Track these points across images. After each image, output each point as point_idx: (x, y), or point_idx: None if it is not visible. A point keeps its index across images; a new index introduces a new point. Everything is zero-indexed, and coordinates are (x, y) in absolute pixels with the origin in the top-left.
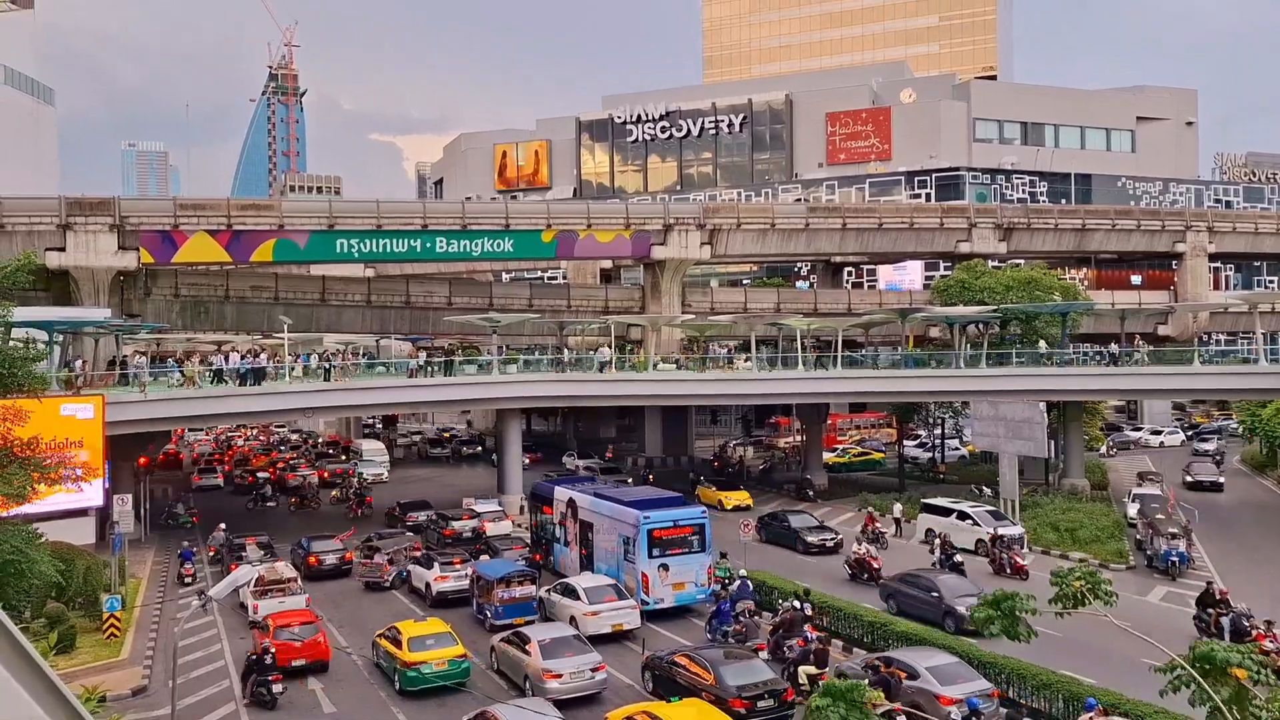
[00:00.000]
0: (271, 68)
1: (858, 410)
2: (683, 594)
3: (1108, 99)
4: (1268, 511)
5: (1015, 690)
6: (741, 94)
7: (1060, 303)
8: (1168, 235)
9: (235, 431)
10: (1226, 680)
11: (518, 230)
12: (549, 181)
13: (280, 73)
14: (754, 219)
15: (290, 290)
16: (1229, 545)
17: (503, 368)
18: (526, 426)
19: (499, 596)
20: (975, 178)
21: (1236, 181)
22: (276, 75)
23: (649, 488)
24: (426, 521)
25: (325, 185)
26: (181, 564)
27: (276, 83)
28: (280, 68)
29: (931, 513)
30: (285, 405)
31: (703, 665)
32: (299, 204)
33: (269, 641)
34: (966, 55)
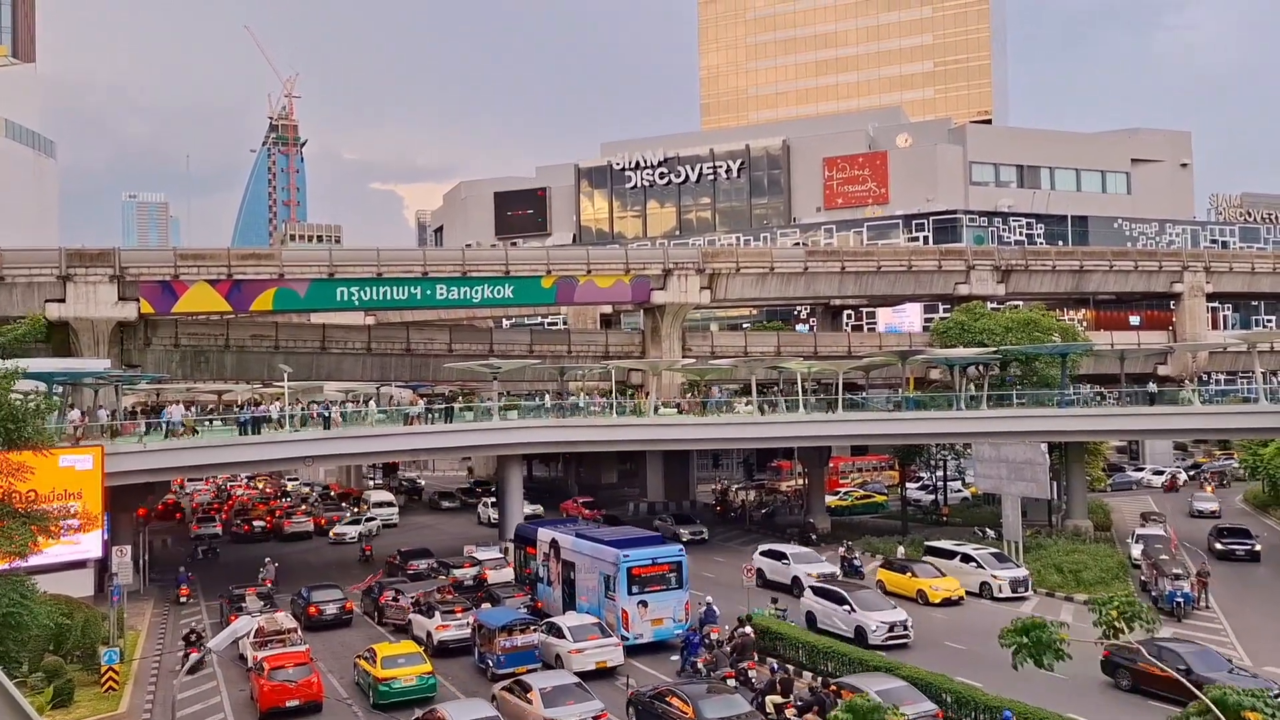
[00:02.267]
0: (272, 118)
1: (860, 453)
2: (661, 629)
3: (1103, 141)
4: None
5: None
6: (739, 140)
7: (1060, 344)
8: (1165, 276)
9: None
10: None
11: (518, 276)
12: (549, 228)
13: (281, 123)
14: (753, 263)
15: (290, 338)
16: (1237, 587)
17: (503, 414)
18: (528, 472)
19: (501, 645)
20: (972, 220)
21: (1232, 222)
22: (277, 126)
23: (628, 527)
24: (427, 570)
25: (325, 234)
26: (177, 585)
27: (277, 133)
28: (281, 118)
29: (934, 555)
30: (284, 454)
31: (683, 700)
32: (299, 253)
33: None
34: (962, 100)
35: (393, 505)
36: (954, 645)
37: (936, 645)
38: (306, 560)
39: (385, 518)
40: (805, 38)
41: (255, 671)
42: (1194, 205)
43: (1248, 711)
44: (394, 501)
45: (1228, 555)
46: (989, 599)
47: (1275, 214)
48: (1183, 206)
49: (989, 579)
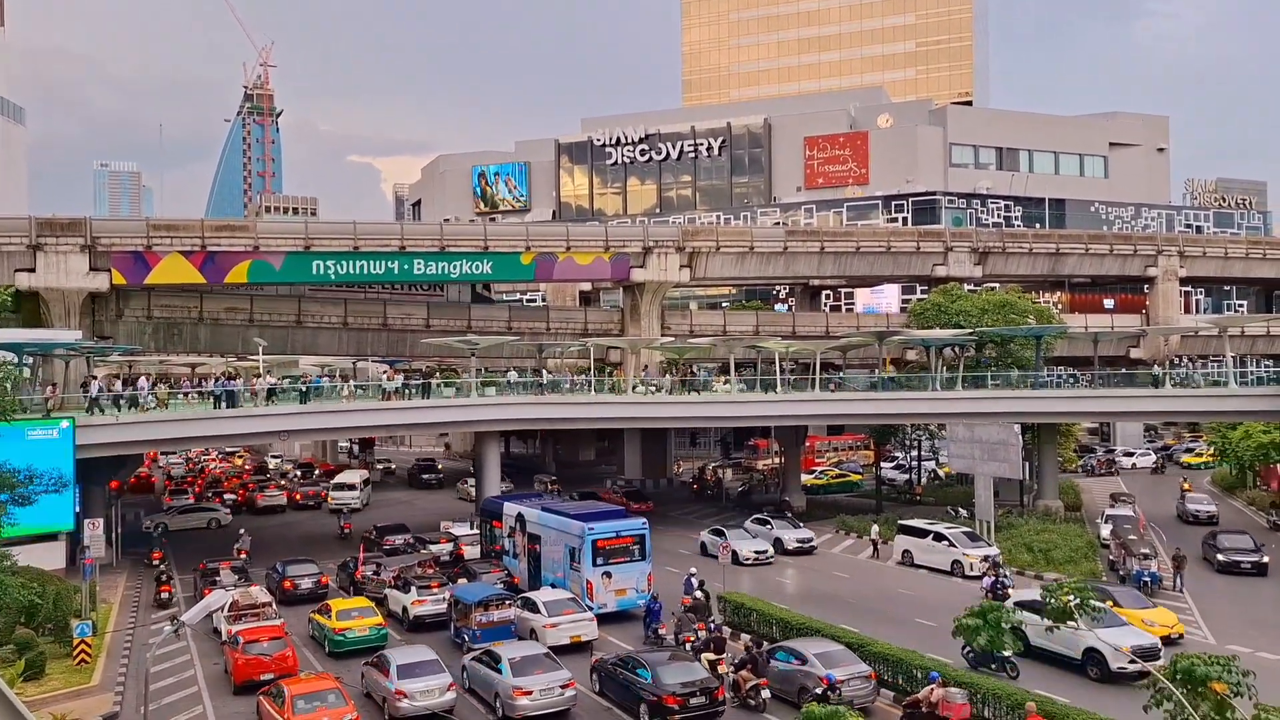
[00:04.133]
0: (247, 88)
1: (836, 433)
2: (624, 599)
3: (1081, 125)
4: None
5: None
6: (720, 118)
7: (1035, 326)
8: (1140, 260)
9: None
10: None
11: (496, 252)
12: (528, 204)
13: (256, 93)
14: (733, 242)
15: (265, 312)
16: (1203, 569)
17: (481, 390)
18: (505, 449)
19: (477, 620)
20: (951, 202)
21: (1207, 207)
22: (252, 95)
23: (592, 501)
24: (403, 545)
25: (301, 206)
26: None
27: (252, 103)
28: (256, 88)
29: (908, 534)
30: (259, 428)
31: (644, 666)
32: (274, 225)
33: None
34: (943, 81)
35: (355, 489)
36: (924, 622)
37: (907, 621)
38: (282, 534)
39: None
40: (788, 15)
41: (229, 645)
42: (1170, 190)
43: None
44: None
45: (1231, 568)
46: (960, 577)
47: (1249, 200)
48: (1158, 191)
49: (960, 557)
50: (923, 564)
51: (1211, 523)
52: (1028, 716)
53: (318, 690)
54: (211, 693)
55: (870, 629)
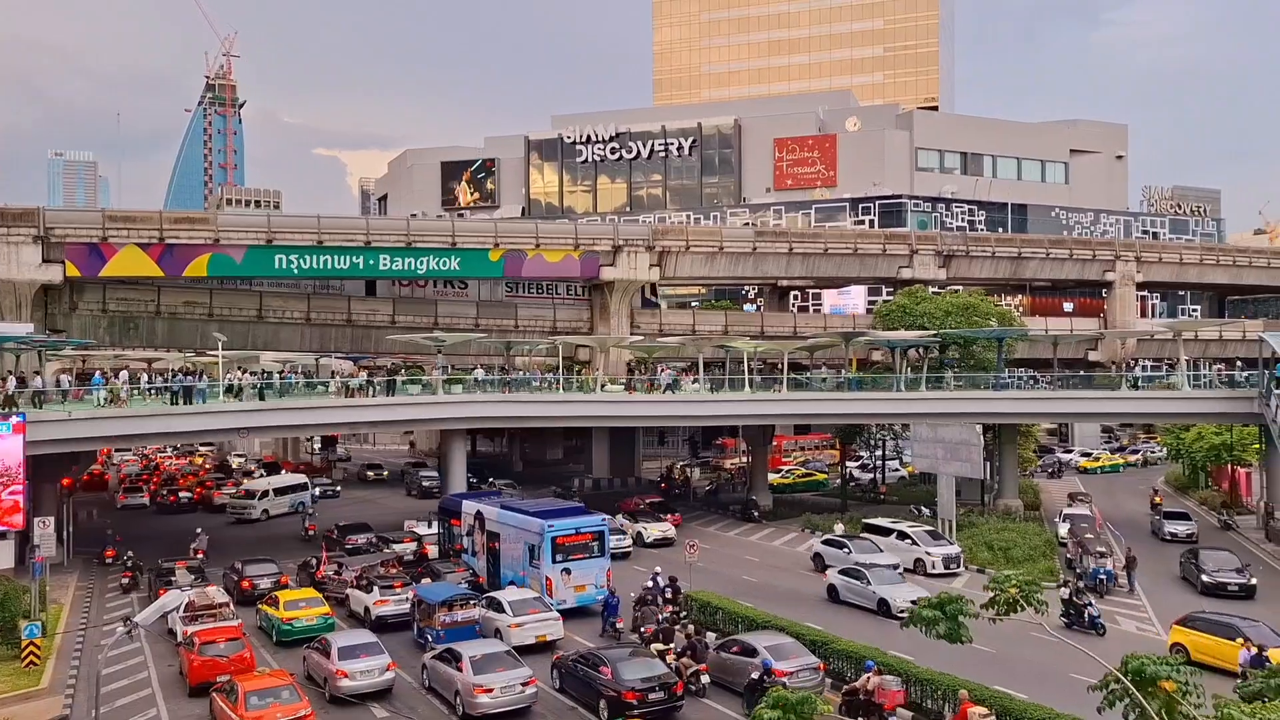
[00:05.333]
0: (209, 78)
1: (802, 432)
2: (583, 595)
3: (1043, 132)
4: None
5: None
6: (691, 118)
7: (996, 328)
8: (1098, 264)
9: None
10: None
11: (464, 249)
12: (497, 200)
13: (218, 83)
14: (703, 242)
15: (226, 306)
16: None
17: (447, 387)
18: (471, 448)
19: (441, 620)
20: (917, 205)
21: (1163, 214)
22: (214, 85)
23: (551, 499)
24: (366, 545)
25: (264, 199)
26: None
27: (214, 93)
28: (218, 78)
29: (872, 533)
30: (218, 425)
31: (604, 663)
32: (236, 218)
33: None
34: (910, 86)
35: (253, 498)
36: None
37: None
38: (240, 533)
39: (243, 508)
40: (758, 17)
41: (185, 646)
42: (1128, 197)
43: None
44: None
45: (1217, 590)
46: (923, 574)
47: (1204, 207)
48: (1117, 197)
49: (923, 555)
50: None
51: (1190, 541)
52: (961, 704)
53: (271, 686)
54: (166, 695)
55: (834, 625)
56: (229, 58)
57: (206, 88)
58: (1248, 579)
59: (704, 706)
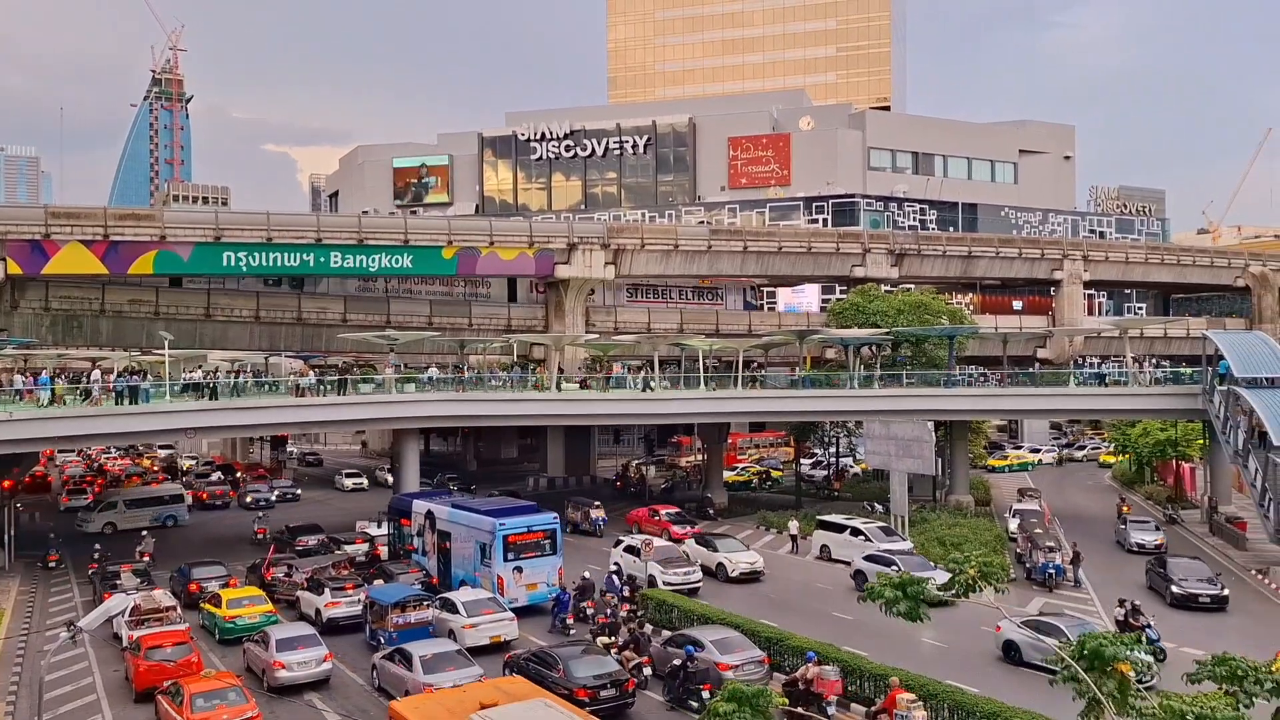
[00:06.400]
0: (155, 71)
1: (758, 429)
2: (535, 594)
3: (993, 132)
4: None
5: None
6: (646, 116)
7: (948, 326)
8: (1047, 263)
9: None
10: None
11: (417, 246)
12: (450, 197)
13: (164, 77)
14: (658, 240)
15: (172, 304)
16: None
17: (400, 386)
18: (425, 447)
19: (393, 622)
20: (869, 205)
21: (1109, 213)
22: (160, 80)
23: (503, 498)
24: (317, 546)
25: (212, 195)
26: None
27: (160, 87)
28: (165, 72)
29: (826, 529)
30: (164, 425)
31: (555, 660)
32: (183, 214)
33: None
34: (862, 86)
35: (150, 504)
36: (841, 615)
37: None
38: (187, 535)
39: (115, 522)
40: (712, 16)
41: (130, 651)
42: (1075, 196)
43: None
44: (155, 497)
45: (1187, 603)
46: None
47: (1149, 207)
48: (1065, 197)
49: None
50: (840, 558)
51: (1159, 551)
52: (891, 690)
53: (217, 688)
54: (111, 701)
55: (788, 622)
56: (175, 51)
57: (153, 82)
58: (1220, 589)
59: (644, 698)
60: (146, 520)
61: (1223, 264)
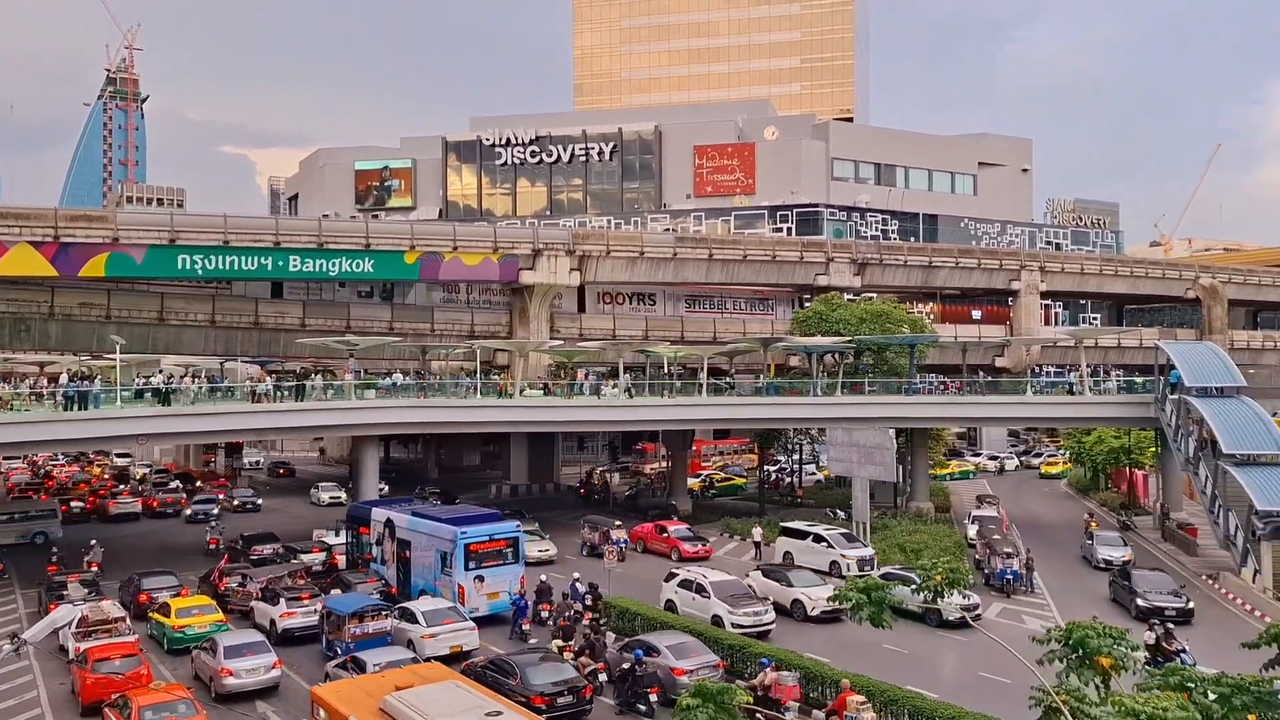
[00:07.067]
0: (109, 71)
1: (722, 436)
2: (497, 603)
3: (953, 145)
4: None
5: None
6: (612, 123)
7: (909, 335)
8: (1005, 273)
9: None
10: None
11: (379, 250)
12: (413, 201)
13: (119, 76)
14: (623, 247)
15: (124, 308)
16: (1054, 563)
17: (359, 392)
18: (385, 454)
19: (351, 632)
20: (833, 214)
21: (1066, 225)
22: (115, 79)
23: (465, 505)
24: (273, 555)
25: (167, 197)
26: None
27: (115, 87)
28: (119, 71)
29: (789, 536)
30: (115, 431)
31: (512, 667)
32: (136, 216)
33: None
34: (826, 97)
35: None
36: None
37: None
38: (137, 544)
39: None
40: (679, 25)
41: (77, 664)
42: (1033, 208)
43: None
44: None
45: (1153, 615)
46: (838, 577)
47: (1104, 219)
48: (1022, 209)
49: (838, 558)
50: (803, 565)
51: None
52: (842, 693)
53: (166, 701)
54: (56, 716)
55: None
56: (131, 50)
57: (107, 81)
58: (1185, 602)
59: (598, 703)
60: (12, 538)
61: (1174, 276)
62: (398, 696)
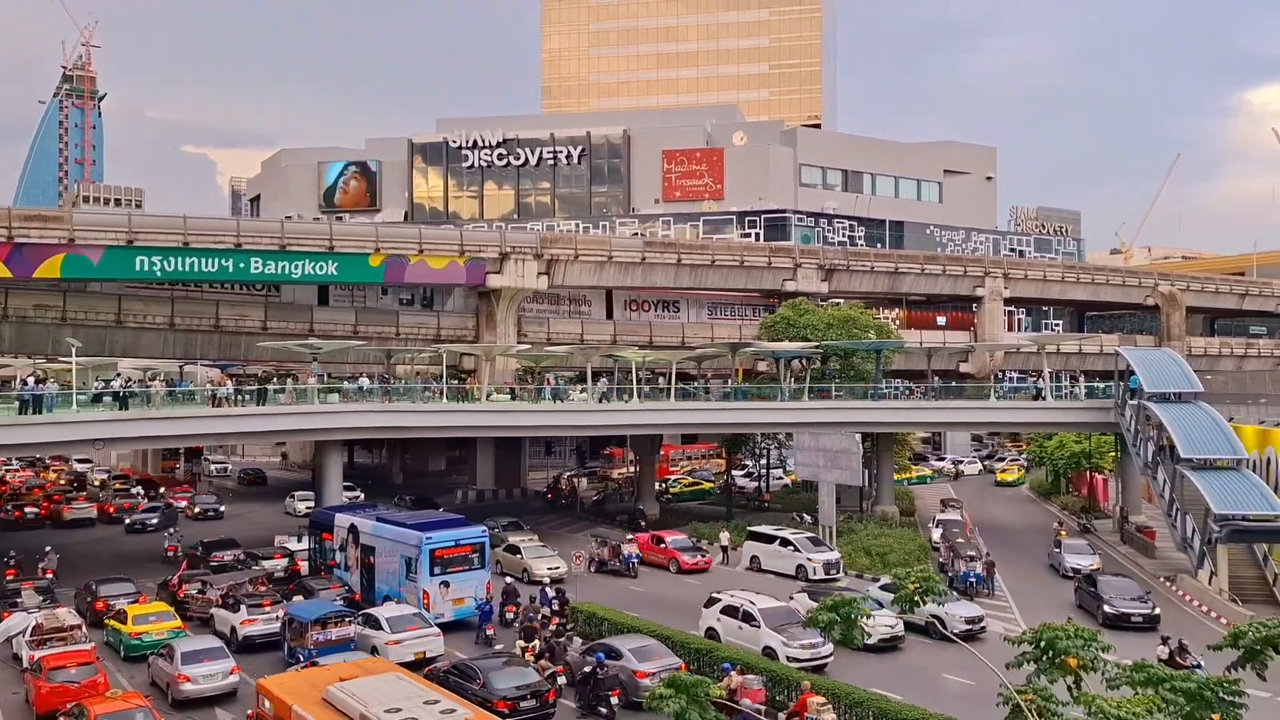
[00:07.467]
0: (66, 68)
1: (689, 441)
2: (462, 609)
3: (919, 152)
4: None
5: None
6: (580, 126)
7: (875, 340)
8: (969, 280)
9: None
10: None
11: (343, 253)
12: (378, 204)
13: (76, 74)
14: (592, 251)
15: (81, 310)
16: (1018, 568)
17: (322, 397)
18: (349, 459)
19: (313, 639)
20: (800, 220)
21: (1029, 233)
22: (71, 77)
23: (430, 510)
24: (233, 562)
25: (125, 198)
26: None
27: (71, 84)
28: (76, 68)
29: (756, 540)
30: (71, 436)
31: (475, 672)
32: (93, 216)
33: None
34: (794, 104)
35: None
36: None
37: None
38: (94, 551)
39: None
40: (647, 29)
41: (32, 672)
42: (996, 216)
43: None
44: None
45: (1120, 622)
46: (804, 580)
47: (1066, 227)
48: (987, 216)
49: (804, 562)
50: (770, 569)
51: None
52: (802, 694)
53: (123, 709)
54: None
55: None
56: (88, 48)
57: (64, 78)
58: (1151, 608)
59: (561, 706)
60: None
61: (1134, 283)
62: (339, 686)
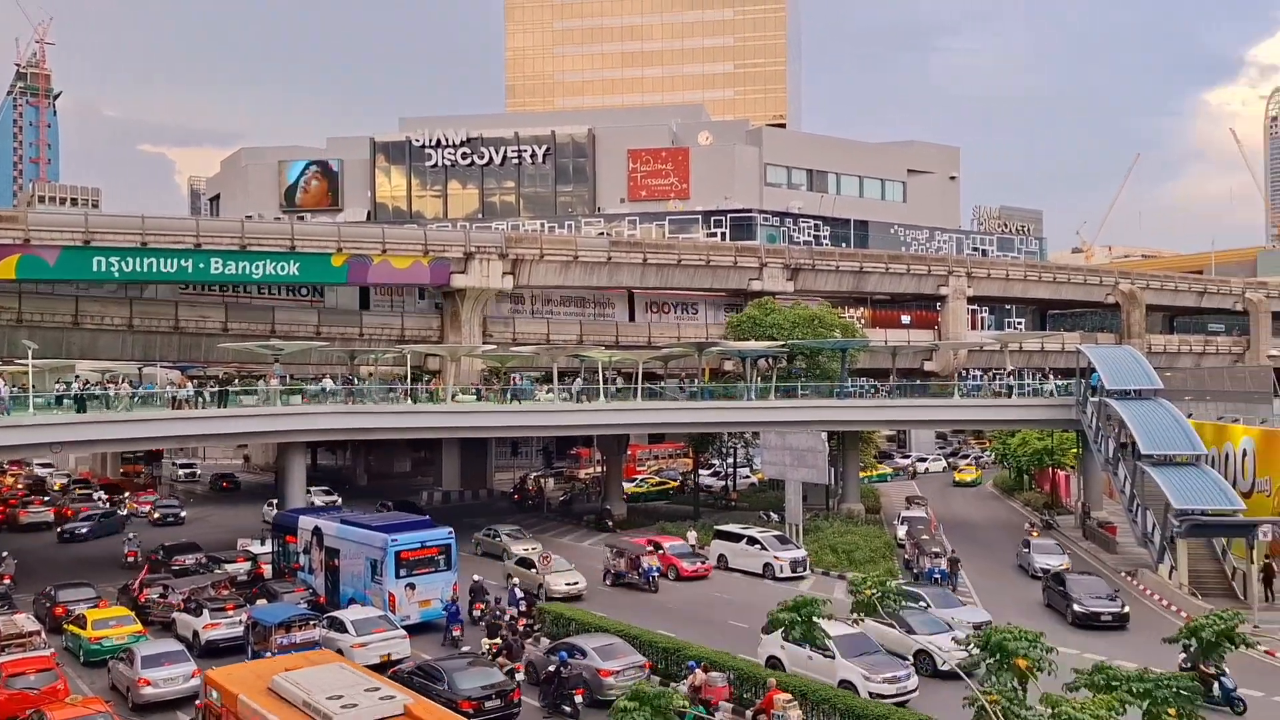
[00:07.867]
0: (19, 65)
1: (656, 441)
2: (428, 610)
3: (883, 152)
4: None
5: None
6: (545, 125)
7: (840, 339)
8: (933, 279)
9: None
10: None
11: (305, 253)
12: (340, 203)
13: (30, 71)
14: (557, 251)
15: (37, 311)
16: (983, 564)
17: (285, 398)
18: (312, 461)
19: (277, 643)
20: (766, 220)
21: (992, 232)
22: (25, 74)
23: (396, 512)
24: (195, 565)
25: (81, 197)
26: None
27: (25, 82)
28: (30, 66)
29: (723, 539)
30: (27, 439)
31: (440, 672)
32: (49, 216)
33: None
34: (759, 103)
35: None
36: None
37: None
38: (53, 555)
39: None
40: (612, 28)
41: None
42: (960, 215)
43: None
44: None
45: (1089, 622)
46: (771, 579)
47: (1028, 226)
48: (950, 216)
49: (771, 560)
50: (737, 567)
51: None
52: (768, 691)
53: (83, 715)
54: None
55: (685, 632)
56: (42, 44)
57: (17, 76)
58: (1120, 607)
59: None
60: None
61: (1095, 282)
62: (284, 676)
